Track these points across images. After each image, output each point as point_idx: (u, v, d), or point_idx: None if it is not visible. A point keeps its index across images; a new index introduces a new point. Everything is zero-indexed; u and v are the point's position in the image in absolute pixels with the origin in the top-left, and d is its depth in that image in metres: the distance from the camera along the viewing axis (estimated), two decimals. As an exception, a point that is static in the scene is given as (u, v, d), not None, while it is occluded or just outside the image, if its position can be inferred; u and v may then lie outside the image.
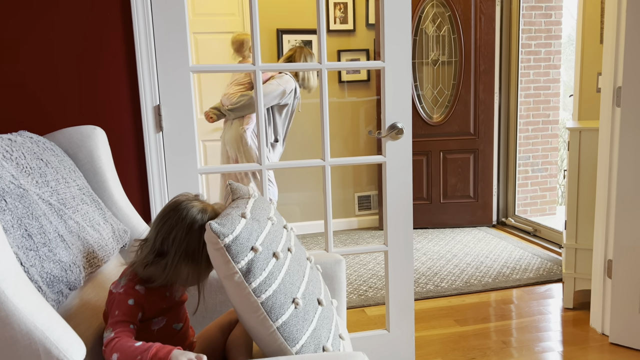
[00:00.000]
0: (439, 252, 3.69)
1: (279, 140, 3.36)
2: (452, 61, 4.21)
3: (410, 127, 2.06)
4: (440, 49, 4.22)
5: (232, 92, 3.35)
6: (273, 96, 3.23)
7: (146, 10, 1.80)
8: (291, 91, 3.31)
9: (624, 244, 2.26)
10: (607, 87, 2.29)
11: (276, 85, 3.24)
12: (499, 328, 2.57)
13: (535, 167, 4.78)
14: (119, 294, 1.17)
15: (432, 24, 4.20)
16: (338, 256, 1.64)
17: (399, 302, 2.16)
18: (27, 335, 0.95)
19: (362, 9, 4.25)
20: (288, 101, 3.32)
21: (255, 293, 1.08)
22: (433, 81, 4.27)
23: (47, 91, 1.78)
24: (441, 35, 4.20)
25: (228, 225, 1.08)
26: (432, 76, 4.27)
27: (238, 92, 3.29)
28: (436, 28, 4.19)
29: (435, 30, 4.20)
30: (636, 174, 2.19)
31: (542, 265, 3.35)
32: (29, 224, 1.14)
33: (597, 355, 2.28)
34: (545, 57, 4.63)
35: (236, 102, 3.28)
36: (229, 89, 3.39)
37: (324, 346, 1.15)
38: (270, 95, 3.22)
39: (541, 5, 4.53)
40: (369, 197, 4.47)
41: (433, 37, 4.21)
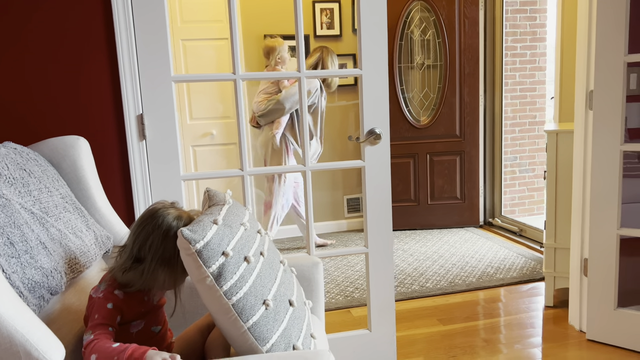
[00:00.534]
0: (426, 253, 3.75)
1: (312, 139, 3.54)
2: (437, 65, 4.28)
3: (388, 132, 2.12)
4: (425, 52, 4.29)
5: (260, 100, 3.53)
6: (297, 98, 3.37)
7: (128, 23, 1.86)
8: (316, 90, 3.46)
9: (599, 242, 2.32)
10: (580, 90, 2.36)
11: (297, 87, 3.37)
12: (481, 327, 2.63)
13: (523, 168, 4.85)
14: (99, 298, 1.23)
15: (417, 29, 4.26)
16: (316, 259, 1.70)
17: (380, 302, 2.22)
18: (7, 338, 1.00)
19: (349, 14, 4.31)
20: (314, 101, 3.47)
21: (226, 295, 1.14)
22: (419, 84, 4.34)
23: (31, 102, 1.83)
24: (426, 40, 4.26)
25: (199, 231, 1.13)
26: (418, 80, 4.34)
27: (265, 100, 3.45)
28: (421, 32, 4.26)
29: (420, 34, 4.26)
30: (608, 174, 2.25)
31: (526, 265, 3.41)
32: (11, 232, 1.19)
33: (574, 352, 2.34)
34: (531, 59, 4.71)
35: (264, 108, 3.44)
36: (258, 97, 3.56)
37: (294, 345, 1.21)
38: (293, 98, 3.38)
39: (525, 9, 4.61)
40: (358, 200, 4.53)
41: (418, 41, 4.28)
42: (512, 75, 4.67)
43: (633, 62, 2.24)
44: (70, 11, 1.82)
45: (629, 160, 2.41)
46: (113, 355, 1.10)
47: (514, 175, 4.82)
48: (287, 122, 3.56)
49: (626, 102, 2.21)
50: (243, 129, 2.02)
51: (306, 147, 2.08)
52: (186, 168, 4.08)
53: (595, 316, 2.39)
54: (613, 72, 2.19)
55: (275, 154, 3.47)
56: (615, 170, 2.23)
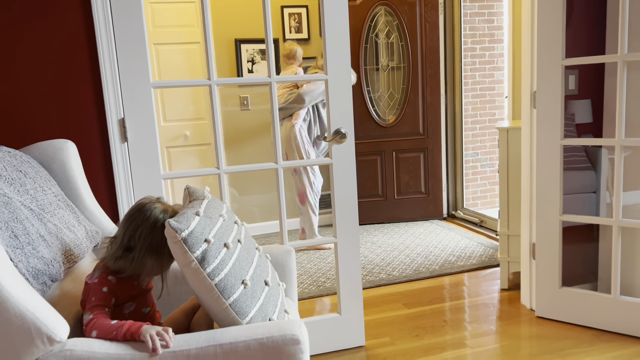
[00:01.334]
0: (393, 244, 3.97)
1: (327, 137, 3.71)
2: (401, 66, 4.51)
3: (352, 132, 2.31)
4: (390, 55, 4.51)
5: (279, 94, 3.69)
6: (317, 94, 3.58)
7: (109, 33, 2.00)
8: (322, 89, 3.63)
9: (544, 228, 2.57)
10: (526, 91, 2.59)
11: (320, 83, 3.57)
12: (442, 309, 2.85)
13: (484, 163, 5.13)
14: (94, 283, 1.38)
15: (382, 32, 4.48)
16: (288, 247, 1.88)
17: (349, 288, 2.41)
18: (20, 317, 1.16)
19: (316, 18, 4.50)
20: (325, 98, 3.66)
21: (209, 277, 1.31)
22: (385, 85, 4.56)
23: (18, 108, 1.96)
24: (390, 43, 4.48)
25: (184, 222, 1.30)
26: (384, 81, 4.55)
27: (285, 93, 3.62)
28: (385, 36, 4.47)
29: (385, 37, 4.48)
30: (550, 166, 2.50)
31: (485, 252, 3.66)
32: (15, 227, 1.34)
33: (525, 328, 2.58)
34: (490, 60, 4.98)
35: (284, 101, 3.63)
36: (277, 92, 3.73)
37: (270, 318, 1.39)
38: (312, 93, 3.57)
39: (484, 12, 4.88)
40: (328, 196, 4.72)
41: (383, 44, 4.49)
42: (473, 75, 4.94)
43: (570, 65, 2.49)
44: (55, 26, 1.96)
45: (569, 153, 2.67)
46: (112, 331, 1.26)
47: (476, 170, 5.10)
48: (304, 117, 3.75)
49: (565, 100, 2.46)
50: (218, 130, 2.19)
51: (277, 147, 2.26)
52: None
53: (543, 295, 2.63)
54: (553, 75, 2.43)
55: (298, 146, 3.64)
56: (556, 163, 2.48)
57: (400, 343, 2.50)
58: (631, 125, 2.48)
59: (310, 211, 3.89)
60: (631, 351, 2.29)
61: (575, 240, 2.75)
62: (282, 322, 1.29)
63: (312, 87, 3.59)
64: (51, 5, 1.95)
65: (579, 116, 2.77)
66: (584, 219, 2.53)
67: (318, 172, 3.90)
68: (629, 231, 2.55)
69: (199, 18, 4.25)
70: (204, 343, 1.24)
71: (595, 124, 2.73)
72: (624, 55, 2.24)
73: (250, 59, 4.36)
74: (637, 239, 2.55)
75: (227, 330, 1.27)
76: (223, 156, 2.22)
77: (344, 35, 2.25)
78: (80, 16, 1.99)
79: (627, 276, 2.58)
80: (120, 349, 1.22)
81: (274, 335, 1.24)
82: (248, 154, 4.42)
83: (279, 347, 1.24)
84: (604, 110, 2.64)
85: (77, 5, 1.98)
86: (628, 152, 2.65)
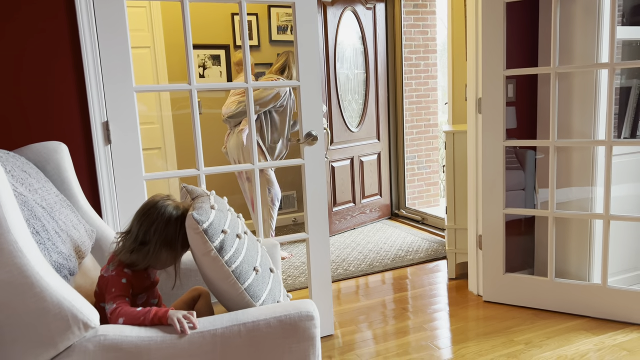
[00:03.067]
0: (345, 242, 4.19)
1: (278, 142, 3.80)
2: (361, 73, 4.70)
3: (322, 135, 2.49)
4: (354, 61, 4.69)
5: (230, 102, 3.74)
6: (266, 100, 3.63)
7: (93, 39, 2.05)
8: (285, 93, 3.70)
9: (489, 221, 2.87)
10: (471, 97, 2.89)
11: (269, 90, 3.63)
12: (398, 298, 3.09)
13: (421, 165, 5.48)
14: (112, 276, 1.46)
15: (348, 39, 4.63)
16: (274, 241, 2.02)
17: (319, 280, 2.58)
18: (57, 305, 1.23)
19: (265, 26, 4.65)
20: (283, 103, 3.73)
21: (227, 264, 1.44)
22: (352, 92, 4.71)
23: (4, 113, 1.97)
24: (356, 49, 4.66)
25: (204, 214, 1.42)
26: (352, 88, 4.71)
27: (235, 101, 3.68)
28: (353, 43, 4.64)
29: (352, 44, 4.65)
30: (494, 166, 2.80)
31: (430, 247, 3.96)
32: (35, 224, 1.40)
33: (474, 311, 2.87)
34: (425, 69, 5.34)
35: (233, 110, 3.69)
36: (228, 100, 3.80)
37: (278, 300, 1.54)
38: (263, 99, 3.62)
39: (418, 24, 5.23)
40: (286, 198, 4.86)
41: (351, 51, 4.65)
42: (409, 83, 5.27)
43: (509, 75, 2.82)
44: (39, 28, 1.99)
45: (508, 155, 3.00)
46: (139, 316, 1.35)
47: (414, 172, 5.43)
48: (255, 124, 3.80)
49: (506, 106, 2.78)
50: (198, 132, 2.29)
51: (254, 150, 2.39)
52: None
53: (488, 281, 2.94)
54: (496, 83, 2.74)
55: (247, 154, 3.68)
56: (499, 162, 2.79)
57: (365, 330, 2.70)
58: (560, 128, 2.84)
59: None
60: (567, 326, 2.63)
61: (513, 233, 3.08)
62: (296, 302, 1.44)
63: (261, 95, 3.66)
64: (36, 10, 1.98)
65: (506, 122, 3.11)
66: (525, 211, 2.86)
67: (274, 178, 3.97)
68: (561, 222, 2.91)
69: (150, 22, 4.27)
70: (227, 323, 1.36)
71: (520, 128, 3.05)
72: (556, 67, 2.58)
73: (202, 64, 4.43)
74: (567, 228, 2.91)
75: (248, 311, 1.40)
76: (202, 157, 2.32)
77: (314, 44, 2.42)
78: (64, 21, 2.03)
79: (560, 261, 2.93)
80: (151, 333, 1.32)
81: (291, 313, 1.39)
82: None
83: (296, 323, 1.39)
84: (537, 115, 2.99)
85: (62, 11, 2.01)
86: (541, 155, 3.02)
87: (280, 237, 2.57)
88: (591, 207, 2.83)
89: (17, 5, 1.96)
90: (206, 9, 4.40)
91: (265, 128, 3.81)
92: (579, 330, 2.56)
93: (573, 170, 2.85)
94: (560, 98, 2.81)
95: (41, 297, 1.22)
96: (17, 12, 1.96)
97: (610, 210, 2.56)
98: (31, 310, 1.22)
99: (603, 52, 2.67)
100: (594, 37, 2.67)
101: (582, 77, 2.75)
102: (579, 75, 2.76)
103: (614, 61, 2.45)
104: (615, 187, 2.74)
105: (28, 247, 1.22)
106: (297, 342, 1.40)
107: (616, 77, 2.95)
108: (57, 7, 2.01)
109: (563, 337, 2.50)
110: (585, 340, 2.47)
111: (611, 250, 2.77)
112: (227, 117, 3.74)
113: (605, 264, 2.61)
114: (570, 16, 2.73)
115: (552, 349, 2.40)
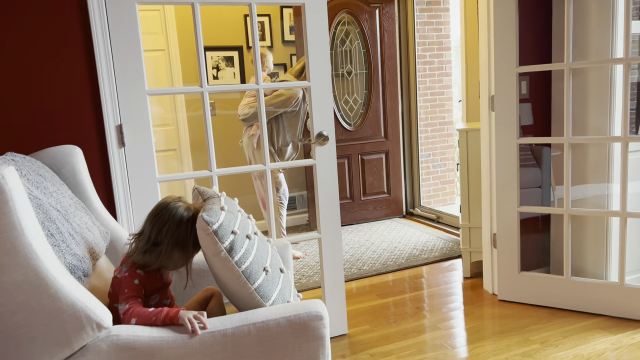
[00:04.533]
0: (359, 242, 4.19)
1: (288, 145, 3.86)
2: (363, 73, 4.74)
3: (333, 134, 2.50)
4: (353, 62, 4.73)
5: (244, 104, 3.80)
6: (278, 103, 3.71)
7: (106, 42, 2.09)
8: (297, 99, 3.77)
9: (504, 219, 2.85)
10: (484, 95, 2.87)
11: (281, 95, 3.69)
12: (413, 297, 3.08)
13: (436, 163, 5.45)
14: (125, 277, 1.49)
15: (345, 40, 4.69)
16: (286, 241, 2.04)
17: (332, 279, 2.59)
18: (71, 306, 1.26)
19: (278, 27, 4.66)
20: (295, 108, 3.79)
21: (237, 265, 1.45)
22: (348, 91, 4.77)
23: (21, 118, 2.01)
24: (353, 50, 4.71)
25: (214, 215, 1.44)
26: (348, 86, 4.77)
27: (249, 104, 3.73)
28: (349, 43, 4.70)
29: (348, 45, 4.70)
30: (507, 164, 2.78)
31: (445, 246, 3.95)
32: (50, 226, 1.43)
33: (489, 309, 2.85)
34: (439, 66, 5.31)
35: (247, 112, 3.75)
36: (243, 101, 3.85)
37: (288, 301, 1.55)
38: (277, 103, 3.69)
39: (432, 21, 5.20)
40: (294, 198, 4.88)
41: (347, 51, 4.71)
42: (424, 80, 5.24)
43: (523, 72, 2.79)
44: (52, 32, 2.03)
45: (523, 152, 2.97)
46: (151, 317, 1.38)
47: (429, 170, 5.41)
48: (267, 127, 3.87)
49: (522, 103, 2.76)
50: (210, 134, 2.31)
51: (265, 150, 2.41)
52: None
53: (504, 280, 2.92)
54: (508, 80, 2.71)
55: (258, 154, 3.76)
56: (513, 159, 2.76)
57: (379, 329, 2.70)
58: (575, 124, 2.80)
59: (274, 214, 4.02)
60: (583, 324, 2.59)
61: (528, 231, 3.05)
62: (305, 302, 1.45)
63: (272, 101, 3.71)
64: (49, 15, 2.02)
65: (522, 119, 3.09)
66: (539, 209, 2.83)
67: (283, 178, 4.02)
68: (577, 219, 2.87)
69: (164, 26, 4.32)
70: (238, 323, 1.38)
71: (535, 125, 3.03)
72: (570, 63, 2.55)
73: (215, 66, 4.46)
74: (583, 226, 2.88)
75: (258, 311, 1.41)
76: (214, 159, 2.34)
77: (325, 45, 2.43)
78: (77, 24, 2.07)
79: (576, 259, 2.90)
80: (162, 333, 1.34)
81: (300, 313, 1.40)
82: (216, 158, 4.50)
83: (305, 323, 1.40)
84: (551, 112, 2.96)
85: (75, 14, 2.05)
86: (557, 152, 2.98)
87: (292, 236, 2.59)
88: (608, 204, 2.79)
89: (27, 8, 2.00)
90: (219, 11, 4.44)
91: (275, 132, 3.85)
92: (596, 329, 2.53)
93: (589, 167, 2.81)
94: (575, 94, 2.78)
95: (56, 297, 1.24)
96: (27, 16, 2.00)
97: (627, 207, 2.53)
98: (47, 311, 1.25)
99: (618, 47, 2.63)
100: (609, 32, 2.63)
101: (597, 73, 2.71)
102: (594, 71, 2.72)
103: (629, 56, 2.41)
104: (632, 183, 2.70)
105: (43, 249, 1.25)
106: (306, 342, 1.41)
107: (632, 72, 2.91)
108: (70, 11, 2.05)
109: (579, 336, 2.48)
110: (602, 339, 2.44)
111: (628, 248, 2.73)
112: (242, 119, 3.81)
113: (623, 262, 2.57)
114: (584, 11, 2.69)
115: (568, 348, 2.38)
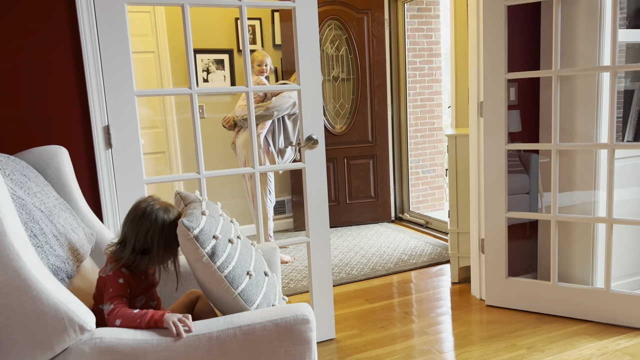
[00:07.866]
0: (348, 246, 4.18)
1: (289, 146, 3.91)
2: (350, 78, 4.76)
3: (323, 138, 2.49)
4: (339, 67, 4.75)
5: (244, 104, 3.79)
6: (284, 107, 3.77)
7: (94, 43, 2.07)
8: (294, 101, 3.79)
9: (491, 225, 2.86)
10: (473, 101, 2.89)
11: (287, 97, 3.76)
12: (401, 302, 3.08)
13: (425, 169, 5.47)
14: (109, 276, 1.47)
15: (331, 45, 4.71)
16: (273, 244, 2.03)
17: (320, 283, 2.58)
18: (53, 308, 1.24)
19: (269, 30, 4.66)
20: (296, 111, 3.84)
21: (219, 269, 1.44)
22: (335, 96, 4.79)
23: (6, 118, 1.99)
24: (340, 55, 4.73)
25: (194, 220, 1.43)
26: (334, 91, 4.79)
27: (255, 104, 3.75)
28: (335, 49, 4.71)
29: (334, 50, 4.72)
30: (495, 170, 2.79)
31: (433, 251, 3.95)
32: (33, 227, 1.41)
33: (476, 315, 2.86)
34: (429, 73, 5.33)
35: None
36: (242, 102, 3.87)
37: (273, 304, 1.54)
38: (282, 106, 3.75)
39: (423, 28, 5.23)
40: (283, 202, 4.87)
41: (333, 56, 4.73)
42: (414, 86, 5.27)
43: (511, 79, 2.81)
44: (39, 32, 2.01)
45: (511, 158, 2.99)
46: (136, 319, 1.36)
47: (418, 175, 5.42)
48: (269, 127, 3.88)
49: (510, 110, 2.77)
50: (199, 136, 2.30)
51: (254, 153, 2.40)
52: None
53: (491, 286, 2.92)
54: (497, 87, 2.73)
55: (263, 153, 3.76)
56: (501, 165, 2.78)
57: (367, 334, 2.69)
58: (563, 131, 2.83)
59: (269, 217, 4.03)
60: (570, 330, 2.61)
61: (516, 237, 3.06)
62: (292, 305, 1.44)
63: (281, 102, 3.76)
64: (36, 15, 2.00)
65: (510, 125, 3.10)
66: (527, 215, 2.84)
67: (272, 178, 4.04)
68: (564, 225, 2.89)
69: (154, 28, 4.30)
70: (223, 326, 1.37)
71: (523, 132, 3.05)
72: (558, 70, 2.57)
73: (205, 69, 4.45)
74: (570, 232, 2.90)
75: (243, 314, 1.40)
76: (202, 161, 2.33)
77: (315, 48, 2.43)
78: (65, 25, 2.05)
79: (562, 265, 2.91)
80: (147, 335, 1.33)
81: (286, 316, 1.39)
82: (205, 161, 4.49)
83: (292, 326, 1.39)
84: (540, 118, 2.98)
85: (63, 15, 2.04)
86: (545, 158, 3.00)
87: (281, 240, 2.58)
88: (594, 210, 2.81)
89: (16, 8, 1.98)
90: (210, 14, 4.43)
91: (277, 132, 3.88)
92: (582, 335, 2.54)
93: (576, 173, 2.84)
94: (563, 101, 2.80)
95: (38, 299, 1.23)
96: (17, 15, 1.98)
97: (613, 214, 2.55)
98: (28, 313, 1.23)
99: (605, 55, 2.66)
100: (596, 40, 2.65)
101: (585, 81, 2.74)
102: (581, 79, 2.75)
103: (616, 64, 2.44)
104: (618, 190, 2.73)
105: (25, 250, 1.23)
106: (293, 346, 1.40)
107: (620, 80, 2.94)
108: (58, 11, 2.03)
109: (566, 342, 2.48)
110: (588, 344, 2.45)
111: (614, 254, 2.75)
112: (243, 119, 3.84)
113: (609, 268, 2.59)
114: (572, 19, 2.72)
115: (555, 353, 2.38)
